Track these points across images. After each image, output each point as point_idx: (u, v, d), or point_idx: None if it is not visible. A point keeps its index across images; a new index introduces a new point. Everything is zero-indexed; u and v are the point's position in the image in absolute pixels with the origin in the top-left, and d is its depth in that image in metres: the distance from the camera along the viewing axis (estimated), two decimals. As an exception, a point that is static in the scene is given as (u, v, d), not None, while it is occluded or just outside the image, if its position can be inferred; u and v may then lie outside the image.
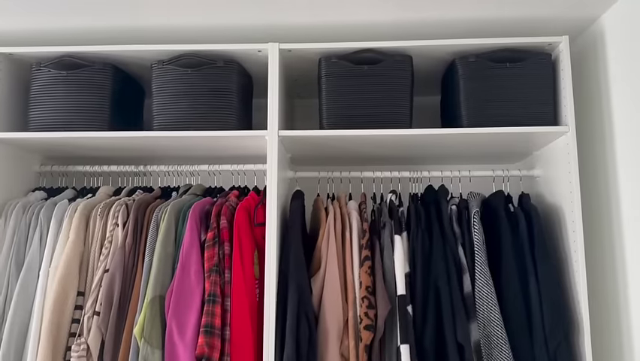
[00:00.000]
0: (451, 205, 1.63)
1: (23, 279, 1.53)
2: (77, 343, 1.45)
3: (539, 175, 1.74)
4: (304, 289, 1.49)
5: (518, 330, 1.47)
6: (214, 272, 1.49)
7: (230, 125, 1.60)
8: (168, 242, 1.53)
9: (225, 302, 1.48)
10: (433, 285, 1.50)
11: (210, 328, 1.42)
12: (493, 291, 1.48)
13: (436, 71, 1.75)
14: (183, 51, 1.61)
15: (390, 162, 1.89)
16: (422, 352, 1.44)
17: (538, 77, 1.56)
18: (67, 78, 1.62)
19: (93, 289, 1.49)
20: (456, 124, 1.60)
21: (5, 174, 1.67)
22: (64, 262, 1.51)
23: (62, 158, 1.86)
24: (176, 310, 1.44)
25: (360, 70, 1.59)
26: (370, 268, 1.51)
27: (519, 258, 1.53)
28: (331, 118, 1.59)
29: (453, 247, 1.54)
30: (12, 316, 1.50)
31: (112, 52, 1.62)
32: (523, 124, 1.54)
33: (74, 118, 1.60)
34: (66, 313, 1.49)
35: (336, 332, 1.47)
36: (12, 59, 1.68)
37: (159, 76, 1.61)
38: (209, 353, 1.40)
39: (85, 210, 1.58)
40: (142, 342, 1.42)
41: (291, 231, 1.56)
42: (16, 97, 1.71)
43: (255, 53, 1.62)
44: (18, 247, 1.58)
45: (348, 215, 1.61)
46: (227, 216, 1.56)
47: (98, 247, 1.55)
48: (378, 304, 1.46)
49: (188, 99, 1.59)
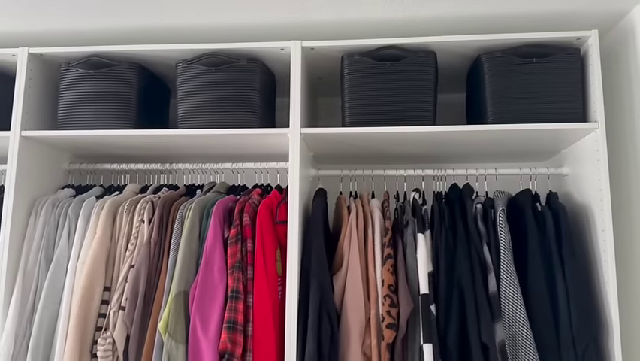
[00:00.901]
0: (476, 204, 1.61)
1: (52, 274, 1.57)
2: (103, 337, 1.48)
3: (568, 173, 1.70)
4: (326, 287, 1.48)
5: (545, 331, 1.44)
6: (237, 269, 1.50)
7: (254, 123, 1.61)
8: (192, 239, 1.55)
9: (248, 299, 1.49)
10: (457, 284, 1.48)
11: (233, 324, 1.44)
12: (519, 291, 1.45)
13: (460, 68, 1.73)
14: (207, 50, 1.63)
15: (413, 160, 1.88)
16: (445, 352, 1.42)
17: (566, 72, 1.52)
18: (94, 77, 1.65)
19: (119, 284, 1.52)
20: (481, 121, 1.57)
21: (35, 171, 1.71)
22: (92, 257, 1.54)
23: (90, 156, 1.91)
24: (200, 306, 1.46)
25: (383, 66, 1.58)
26: (393, 267, 1.50)
27: (546, 257, 1.50)
28: (354, 115, 1.58)
29: (478, 246, 1.52)
30: (41, 309, 1.54)
31: (138, 51, 1.65)
32: (551, 120, 1.50)
33: (102, 116, 1.63)
34: (93, 307, 1.52)
35: (358, 331, 1.47)
36: (42, 59, 1.73)
37: (184, 75, 1.63)
38: (231, 349, 1.41)
39: (112, 207, 1.62)
40: (166, 337, 1.44)
41: (313, 229, 1.56)
42: (46, 96, 1.76)
43: (278, 51, 1.62)
44: (47, 243, 1.62)
45: (371, 213, 1.61)
46: (250, 213, 1.57)
47: (124, 243, 1.58)
48: (401, 303, 1.45)
49: (212, 97, 1.61)
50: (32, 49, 1.68)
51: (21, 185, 1.63)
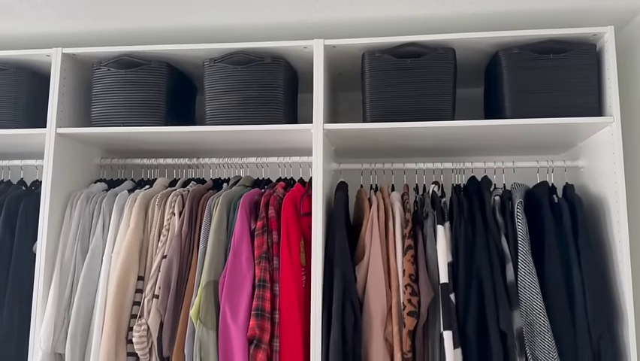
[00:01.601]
0: (495, 196, 1.65)
1: (88, 264, 1.65)
2: (138, 323, 1.56)
3: (584, 166, 1.74)
4: (349, 277, 1.55)
5: (561, 319, 1.48)
6: (263, 259, 1.57)
7: (278, 120, 1.67)
8: (221, 231, 1.62)
9: (274, 287, 1.56)
10: (476, 274, 1.54)
11: (261, 311, 1.51)
12: (536, 280, 1.50)
13: (479, 63, 1.77)
14: (233, 49, 1.69)
15: (432, 153, 1.92)
16: (464, 338, 1.48)
17: (582, 67, 1.56)
18: (125, 76, 1.72)
19: (152, 273, 1.60)
20: (499, 115, 1.62)
21: (70, 166, 1.79)
22: (126, 248, 1.62)
23: (121, 151, 1.99)
24: (229, 295, 1.53)
25: (403, 63, 1.63)
26: (413, 257, 1.56)
27: (563, 248, 1.54)
28: (375, 111, 1.63)
29: (496, 237, 1.57)
30: (78, 298, 1.62)
31: (167, 51, 1.71)
32: (568, 115, 1.54)
33: (133, 114, 1.70)
34: (128, 296, 1.60)
35: (380, 318, 1.53)
36: (75, 59, 1.80)
37: (211, 73, 1.69)
38: (260, 335, 1.49)
39: (144, 200, 1.69)
40: (198, 323, 1.51)
41: (336, 221, 1.62)
42: (78, 94, 1.84)
43: (301, 49, 1.68)
44: (83, 235, 1.70)
45: (391, 206, 1.66)
46: (275, 206, 1.64)
47: (156, 234, 1.66)
48: (421, 292, 1.51)
49: (238, 95, 1.67)
50: (66, 49, 1.75)
51: (57, 180, 1.71)
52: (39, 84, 1.82)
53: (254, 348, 1.49)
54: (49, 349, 1.60)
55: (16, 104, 1.79)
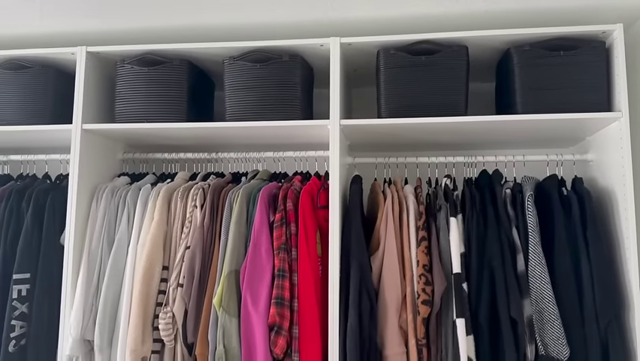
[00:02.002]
0: (506, 189, 1.70)
1: (114, 255, 1.72)
2: (164, 311, 1.63)
3: (592, 159, 1.79)
4: (365, 267, 1.61)
5: (570, 308, 1.54)
6: (282, 250, 1.63)
7: (295, 115, 1.72)
8: (241, 223, 1.68)
9: (293, 277, 1.63)
10: (488, 264, 1.59)
11: (281, 300, 1.58)
12: (546, 270, 1.55)
13: (490, 59, 1.81)
14: (252, 47, 1.74)
15: (444, 147, 1.98)
16: (477, 326, 1.55)
17: (592, 64, 1.60)
18: (148, 74, 1.78)
19: (176, 263, 1.67)
20: (511, 110, 1.67)
21: (94, 161, 1.86)
22: (151, 240, 1.69)
23: (142, 146, 2.05)
24: (250, 284, 1.60)
25: (417, 60, 1.68)
26: (427, 248, 1.62)
27: (572, 239, 1.60)
28: (390, 107, 1.68)
29: (507, 229, 1.62)
30: (106, 288, 1.70)
31: (188, 49, 1.77)
32: (577, 110, 1.59)
33: (155, 110, 1.77)
34: (153, 285, 1.67)
35: (395, 306, 1.59)
36: (99, 57, 1.86)
37: (231, 71, 1.75)
38: (280, 322, 1.56)
39: (167, 193, 1.76)
40: (220, 311, 1.58)
41: (352, 213, 1.68)
42: (101, 91, 1.90)
43: (318, 47, 1.73)
44: (108, 227, 1.77)
45: (405, 198, 1.72)
46: (293, 199, 1.70)
47: (179, 226, 1.73)
48: (435, 281, 1.57)
49: (256, 92, 1.73)
50: (90, 48, 1.81)
51: (83, 173, 1.78)
52: (64, 81, 1.88)
53: (274, 334, 1.56)
54: (78, 335, 1.67)
55: (42, 101, 1.86)
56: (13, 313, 1.71)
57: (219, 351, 1.56)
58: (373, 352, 1.56)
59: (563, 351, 1.49)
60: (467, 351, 1.50)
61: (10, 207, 1.83)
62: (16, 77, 1.86)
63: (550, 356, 1.50)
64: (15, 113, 1.85)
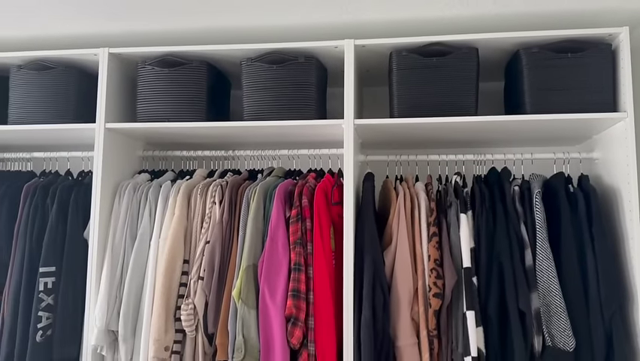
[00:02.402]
0: (514, 186, 1.76)
1: (137, 249, 1.80)
2: (185, 303, 1.71)
3: (598, 158, 1.84)
4: (378, 262, 1.67)
5: (576, 300, 1.60)
6: (298, 245, 1.70)
7: (310, 115, 1.79)
8: (258, 218, 1.75)
9: (308, 271, 1.69)
10: (497, 259, 1.65)
11: (297, 292, 1.64)
12: (553, 264, 1.61)
13: (499, 60, 1.86)
14: (269, 49, 1.80)
15: (454, 145, 2.03)
16: (486, 318, 1.61)
17: (598, 66, 1.66)
18: (168, 75, 1.84)
19: (197, 257, 1.74)
20: (520, 110, 1.72)
21: (116, 158, 1.93)
22: (172, 234, 1.76)
23: (160, 144, 2.12)
24: (268, 277, 1.67)
25: (429, 62, 1.73)
26: (438, 243, 1.68)
27: (578, 235, 1.65)
28: (402, 107, 1.74)
29: (515, 225, 1.68)
30: (129, 280, 1.77)
31: (207, 51, 1.83)
32: (584, 110, 1.64)
33: (176, 110, 1.83)
34: (175, 277, 1.74)
35: (407, 299, 1.66)
36: (121, 59, 1.93)
37: (248, 72, 1.81)
38: (296, 314, 1.63)
39: (186, 190, 1.83)
40: (240, 303, 1.65)
41: (365, 210, 1.75)
42: (123, 91, 1.97)
43: (332, 49, 1.79)
44: (131, 222, 1.85)
45: (417, 195, 1.78)
46: (308, 196, 1.76)
47: (199, 221, 1.80)
48: (446, 275, 1.63)
49: (273, 92, 1.79)
50: (112, 49, 1.88)
51: (106, 170, 1.85)
52: (86, 81, 1.94)
53: (291, 325, 1.63)
54: (103, 326, 1.75)
55: (65, 100, 1.92)
56: (40, 305, 1.79)
57: (239, 341, 1.63)
58: (386, 343, 1.63)
59: (569, 342, 1.55)
60: (477, 342, 1.56)
61: (36, 204, 1.90)
62: (41, 77, 1.93)
63: (556, 347, 1.56)
64: (39, 112, 1.91)
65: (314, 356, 1.64)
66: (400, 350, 1.64)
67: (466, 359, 1.56)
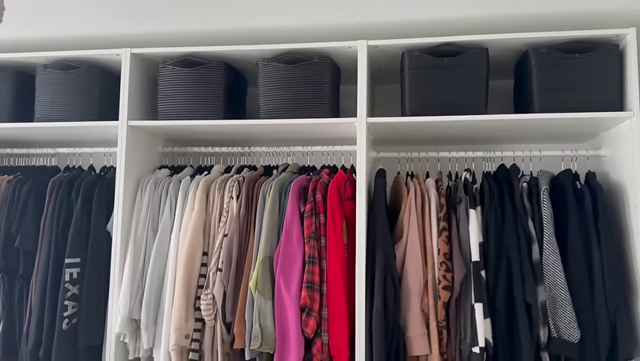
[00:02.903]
0: (522, 182, 1.81)
1: (158, 241, 1.88)
2: (205, 293, 1.78)
3: (606, 155, 1.88)
4: (390, 255, 1.74)
5: (581, 293, 1.65)
6: (312, 238, 1.76)
7: (324, 113, 1.85)
8: (274, 213, 1.82)
9: (322, 263, 1.76)
10: (505, 253, 1.71)
11: (311, 284, 1.71)
12: (559, 259, 1.66)
13: (509, 59, 1.91)
14: (284, 49, 1.87)
15: (464, 142, 2.08)
16: (494, 310, 1.67)
17: (605, 66, 1.70)
18: (188, 74, 1.92)
19: (215, 250, 1.81)
20: (529, 109, 1.77)
21: (138, 154, 2.00)
22: (192, 228, 1.83)
23: (179, 140, 2.20)
24: (283, 269, 1.74)
25: (440, 62, 1.79)
26: (447, 238, 1.74)
27: (584, 230, 1.70)
28: (413, 106, 1.80)
29: (523, 220, 1.73)
30: (151, 271, 1.85)
31: (224, 51, 1.90)
32: (591, 110, 1.68)
33: (195, 108, 1.90)
34: (195, 269, 1.82)
35: (417, 291, 1.72)
36: (142, 59, 2.00)
37: (265, 71, 1.88)
38: (310, 304, 1.69)
39: (205, 185, 1.90)
40: (256, 294, 1.73)
41: (377, 205, 1.81)
42: (144, 90, 2.04)
43: (346, 49, 1.85)
44: (152, 215, 1.92)
45: (427, 191, 1.84)
46: (322, 191, 1.83)
47: (217, 215, 1.87)
48: (455, 269, 1.69)
49: (289, 91, 1.85)
50: (134, 49, 1.95)
51: (129, 166, 1.93)
52: (109, 80, 2.02)
53: (305, 315, 1.70)
54: (126, 315, 1.83)
55: (89, 99, 2.00)
56: (66, 295, 1.87)
57: (255, 330, 1.71)
58: (397, 333, 1.69)
59: (574, 334, 1.61)
60: (484, 333, 1.62)
61: (61, 198, 1.99)
62: (66, 76, 2.01)
63: (562, 338, 1.62)
64: (64, 109, 2.00)
65: (327, 345, 1.71)
66: (410, 340, 1.70)
67: (474, 349, 1.62)
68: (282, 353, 1.71)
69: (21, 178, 2.08)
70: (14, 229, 1.97)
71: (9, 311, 1.94)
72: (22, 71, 2.10)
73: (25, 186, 2.04)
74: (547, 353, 1.64)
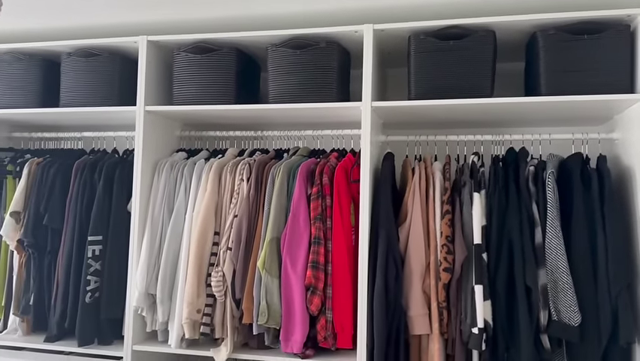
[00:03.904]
0: (529, 166, 1.80)
1: (174, 221, 1.97)
2: (215, 271, 1.87)
3: (618, 138, 1.85)
4: (392, 236, 1.77)
5: (584, 278, 1.65)
6: (318, 220, 1.82)
7: (331, 97, 1.88)
8: (282, 195, 1.88)
9: (327, 244, 1.82)
10: (507, 236, 1.72)
11: (316, 264, 1.77)
12: (562, 243, 1.66)
13: (519, 40, 1.88)
14: (292, 35, 1.90)
15: (474, 125, 2.07)
16: (494, 292, 1.69)
17: (615, 47, 1.66)
18: (201, 61, 1.98)
19: (226, 230, 1.89)
20: (536, 92, 1.75)
21: (155, 138, 2.09)
22: (204, 208, 1.92)
23: (197, 125, 2.28)
24: (289, 249, 1.80)
25: (446, 45, 1.79)
26: (450, 221, 1.76)
27: (589, 214, 1.69)
28: (419, 89, 1.81)
29: (527, 204, 1.73)
30: (166, 249, 1.95)
31: (235, 37, 1.95)
32: (600, 92, 1.65)
33: (208, 93, 1.97)
34: (206, 248, 1.91)
35: (419, 272, 1.76)
36: (158, 46, 2.08)
37: (274, 57, 1.92)
38: (315, 283, 1.76)
39: (217, 168, 1.98)
40: (264, 272, 1.80)
41: (382, 187, 1.84)
42: (160, 76, 2.12)
43: (352, 33, 1.86)
44: (168, 196, 2.02)
45: (432, 175, 1.86)
46: (329, 174, 1.87)
47: (228, 197, 1.95)
48: (456, 251, 1.72)
49: (296, 76, 1.89)
50: (150, 37, 2.03)
51: (146, 149, 2.02)
52: (129, 67, 2.11)
53: (310, 294, 1.77)
54: (143, 289, 1.94)
55: (110, 85, 2.10)
56: (89, 270, 1.99)
57: (262, 306, 1.78)
58: (398, 312, 1.73)
59: (574, 318, 1.61)
60: (484, 314, 1.65)
61: (85, 179, 2.10)
62: (88, 63, 2.11)
63: (562, 321, 1.63)
64: (87, 95, 2.10)
65: (331, 323, 1.78)
66: (411, 320, 1.74)
67: (473, 330, 1.65)
68: (288, 328, 1.79)
69: (49, 160, 2.21)
70: (42, 207, 2.10)
71: (39, 285, 2.09)
72: (49, 59, 2.22)
73: (52, 167, 2.16)
74: (547, 335, 1.65)
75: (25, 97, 2.19)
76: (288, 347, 1.78)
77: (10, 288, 2.14)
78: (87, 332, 1.96)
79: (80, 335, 1.95)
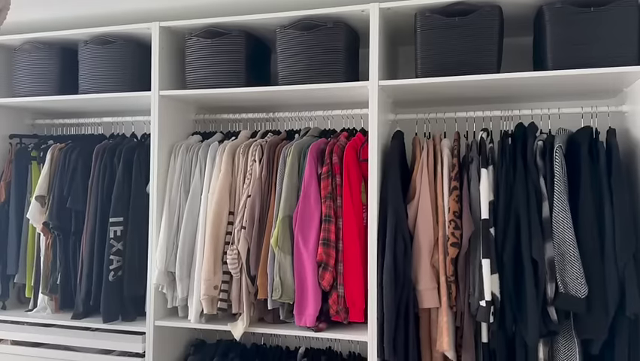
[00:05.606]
0: (538, 141, 1.81)
1: (190, 202, 2.04)
2: (231, 249, 1.94)
3: (628, 111, 1.84)
4: (400, 213, 1.81)
5: (591, 250, 1.66)
6: (328, 198, 1.87)
7: (339, 78, 1.91)
8: (293, 174, 1.93)
9: (338, 222, 1.87)
10: (514, 211, 1.74)
11: (327, 241, 1.83)
12: (569, 216, 1.67)
13: (527, 14, 1.87)
14: (300, 16, 1.93)
15: (482, 101, 2.08)
16: (501, 266, 1.71)
17: (623, 19, 1.65)
18: (212, 45, 2.03)
19: (240, 209, 1.95)
20: (543, 66, 1.75)
21: (171, 122, 2.15)
22: (219, 189, 1.98)
23: (211, 108, 2.33)
24: (301, 227, 1.86)
25: (451, 22, 1.79)
26: (458, 197, 1.79)
27: (597, 187, 1.69)
28: (425, 67, 1.82)
29: (535, 178, 1.75)
30: (184, 228, 2.02)
31: (244, 20, 1.98)
32: (607, 65, 1.65)
33: (220, 76, 2.02)
34: (222, 227, 1.98)
35: (428, 248, 1.79)
36: (170, 31, 2.12)
37: (282, 39, 1.95)
38: (326, 260, 1.81)
39: (231, 149, 2.03)
40: (277, 250, 1.86)
41: (390, 166, 1.87)
42: (173, 60, 2.17)
43: (359, 13, 1.88)
44: (184, 178, 2.09)
45: (440, 151, 1.88)
46: (338, 153, 1.91)
47: (241, 177, 2.01)
48: (464, 226, 1.75)
49: (305, 57, 1.92)
50: (162, 23, 2.08)
51: (162, 133, 2.09)
52: (144, 53, 2.16)
53: (322, 270, 1.82)
54: (163, 268, 2.02)
55: (125, 71, 2.16)
56: (111, 250, 2.08)
57: (276, 282, 1.85)
58: (407, 286, 1.78)
59: (581, 290, 1.63)
60: (492, 288, 1.68)
61: (105, 163, 2.18)
62: (105, 50, 2.17)
63: (569, 293, 1.65)
64: (105, 81, 2.17)
65: (343, 297, 1.84)
66: (420, 294, 1.79)
67: (481, 303, 1.69)
68: (301, 303, 1.85)
69: (71, 146, 2.30)
70: (66, 191, 2.20)
71: (65, 265, 2.19)
72: (67, 47, 2.29)
73: (74, 152, 2.25)
74: (554, 308, 1.67)
75: (45, 85, 2.27)
76: (302, 320, 1.85)
77: (39, 268, 2.25)
78: (111, 309, 2.06)
79: (104, 312, 2.05)
